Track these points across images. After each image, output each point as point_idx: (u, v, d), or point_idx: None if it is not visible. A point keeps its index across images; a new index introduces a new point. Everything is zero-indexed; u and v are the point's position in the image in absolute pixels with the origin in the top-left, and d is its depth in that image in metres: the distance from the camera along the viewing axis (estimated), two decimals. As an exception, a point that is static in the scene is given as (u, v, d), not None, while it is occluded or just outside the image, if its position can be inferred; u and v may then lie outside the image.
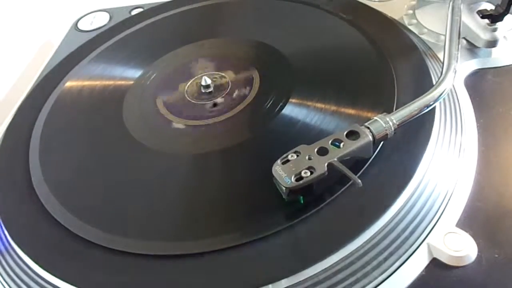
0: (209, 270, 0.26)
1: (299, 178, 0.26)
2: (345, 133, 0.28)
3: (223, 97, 0.38)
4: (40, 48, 0.60)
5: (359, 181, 0.25)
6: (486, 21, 0.37)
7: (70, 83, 0.43)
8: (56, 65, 0.47)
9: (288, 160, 0.27)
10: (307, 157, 0.27)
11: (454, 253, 0.26)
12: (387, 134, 0.28)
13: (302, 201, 0.27)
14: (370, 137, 0.28)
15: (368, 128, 0.28)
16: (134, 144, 0.35)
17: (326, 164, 0.26)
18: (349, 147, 0.27)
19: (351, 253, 0.25)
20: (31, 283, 0.28)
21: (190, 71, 0.41)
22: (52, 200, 0.32)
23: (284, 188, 0.26)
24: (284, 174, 0.26)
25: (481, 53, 0.38)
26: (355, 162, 0.29)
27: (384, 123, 0.28)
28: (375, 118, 0.28)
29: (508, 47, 0.38)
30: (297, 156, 0.27)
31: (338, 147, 0.27)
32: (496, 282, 0.25)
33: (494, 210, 0.28)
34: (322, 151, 0.27)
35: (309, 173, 0.26)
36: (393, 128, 0.28)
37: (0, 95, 0.54)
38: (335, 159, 0.27)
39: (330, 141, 0.28)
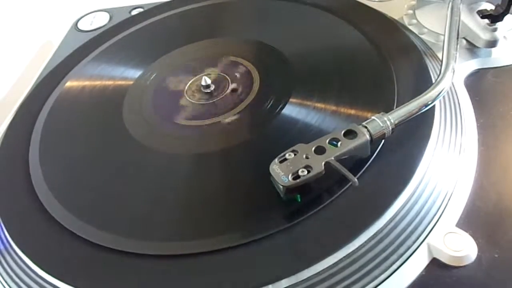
0: (209, 270, 0.26)
1: (296, 176, 0.26)
2: (342, 132, 0.28)
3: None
4: (40, 48, 0.60)
5: (356, 180, 0.26)
6: (486, 21, 0.37)
7: (70, 83, 0.43)
8: (56, 65, 0.47)
9: (285, 159, 0.27)
10: (304, 156, 0.27)
11: (454, 253, 0.26)
12: (384, 134, 0.28)
13: (299, 200, 0.27)
14: (368, 136, 0.28)
15: (366, 127, 0.28)
16: (134, 144, 0.35)
17: (323, 163, 0.26)
18: (347, 146, 0.27)
19: (351, 253, 0.25)
20: (31, 283, 0.28)
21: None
22: (52, 200, 0.32)
23: (281, 187, 0.26)
24: (281, 173, 0.26)
25: (481, 53, 0.38)
26: (356, 162, 0.29)
27: (382, 122, 0.28)
28: (373, 117, 0.28)
29: (508, 47, 0.38)
30: (295, 155, 0.27)
31: (336, 146, 0.27)
32: (496, 282, 0.25)
33: (494, 210, 0.28)
34: (320, 150, 0.27)
35: (306, 172, 0.26)
36: (390, 128, 0.28)
37: (0, 95, 0.54)
38: (332, 158, 0.27)
39: (327, 140, 0.28)
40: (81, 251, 0.28)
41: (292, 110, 0.34)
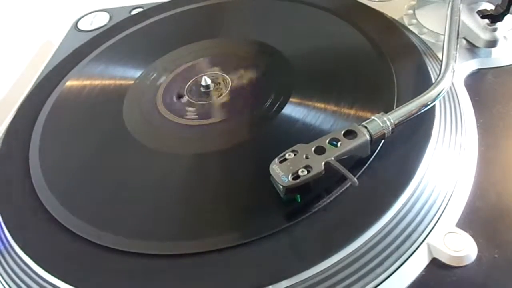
0: (209, 270, 0.26)
1: (296, 176, 0.26)
2: (342, 132, 0.28)
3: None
4: (40, 48, 0.60)
5: (356, 180, 0.26)
6: (486, 21, 0.37)
7: (70, 83, 0.43)
8: (56, 65, 0.47)
9: (285, 159, 0.27)
10: (304, 156, 0.27)
11: (454, 253, 0.26)
12: (384, 134, 0.28)
13: (299, 200, 0.27)
14: (368, 136, 0.28)
15: (366, 127, 0.28)
16: (134, 144, 0.35)
17: (323, 163, 0.26)
18: (346, 146, 0.27)
19: (351, 253, 0.25)
20: (31, 283, 0.28)
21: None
22: (52, 200, 0.32)
23: (281, 187, 0.26)
24: (281, 173, 0.26)
25: (481, 53, 0.38)
26: (356, 162, 0.29)
27: (382, 122, 0.28)
28: (373, 117, 0.29)
29: (508, 47, 0.38)
30: (295, 155, 0.27)
31: (336, 146, 0.27)
32: (496, 282, 0.25)
33: (494, 210, 0.28)
34: (320, 150, 0.27)
35: (306, 172, 0.26)
36: (390, 128, 0.28)
37: (0, 95, 0.54)
38: (332, 158, 0.27)
39: (327, 140, 0.28)
40: (81, 250, 0.28)
41: (292, 110, 0.34)
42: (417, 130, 0.30)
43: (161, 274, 0.26)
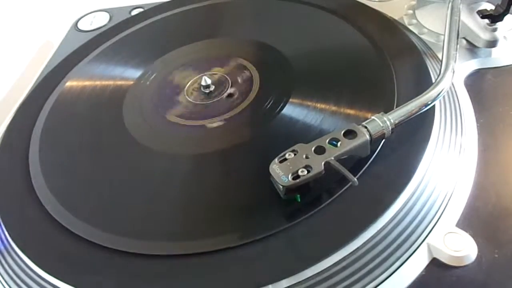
0: (209, 270, 0.26)
1: (296, 176, 0.26)
2: (342, 132, 0.28)
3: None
4: (40, 48, 0.60)
5: (355, 179, 0.26)
6: (486, 21, 0.37)
7: (70, 83, 0.43)
8: (56, 65, 0.47)
9: (285, 159, 0.27)
10: (304, 156, 0.27)
11: (454, 253, 0.26)
12: (384, 134, 0.28)
13: (299, 200, 0.27)
14: (367, 136, 0.28)
15: (366, 127, 0.28)
16: (134, 144, 0.35)
17: (323, 163, 0.26)
18: (346, 146, 0.27)
19: (351, 253, 0.25)
20: (31, 283, 0.28)
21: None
22: (52, 200, 0.32)
23: (281, 187, 0.26)
24: (281, 173, 0.26)
25: (481, 53, 0.38)
26: (355, 162, 0.29)
27: (381, 122, 0.28)
28: (373, 117, 0.29)
29: (508, 47, 0.38)
30: (295, 154, 0.27)
31: (335, 146, 0.27)
32: (496, 282, 0.25)
33: (494, 210, 0.28)
34: (319, 150, 0.27)
35: (306, 172, 0.26)
36: (390, 128, 0.28)
37: (0, 95, 0.54)
38: (332, 158, 0.27)
39: (327, 140, 0.28)
40: (81, 251, 0.28)
41: (292, 110, 0.34)
42: (417, 130, 0.30)
43: (161, 274, 0.26)
